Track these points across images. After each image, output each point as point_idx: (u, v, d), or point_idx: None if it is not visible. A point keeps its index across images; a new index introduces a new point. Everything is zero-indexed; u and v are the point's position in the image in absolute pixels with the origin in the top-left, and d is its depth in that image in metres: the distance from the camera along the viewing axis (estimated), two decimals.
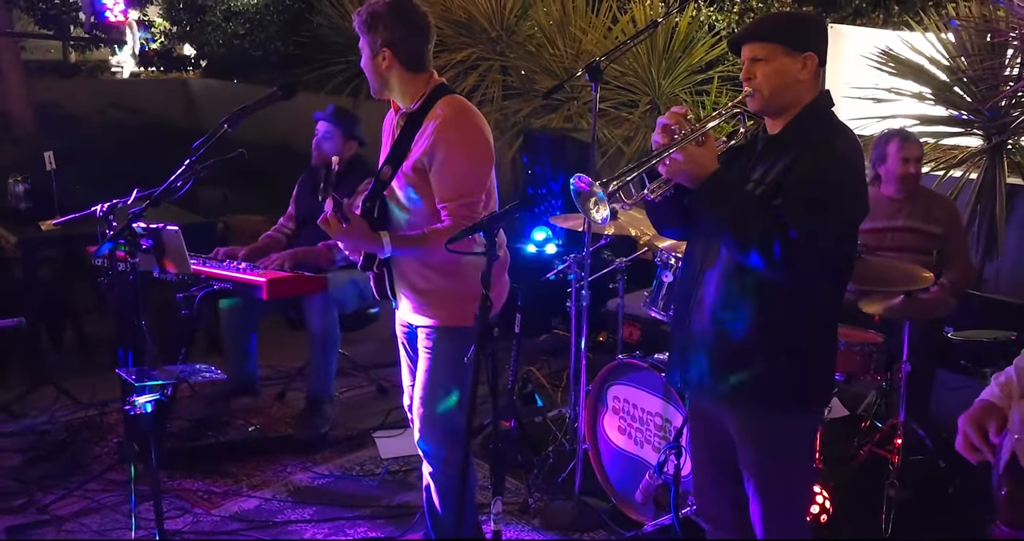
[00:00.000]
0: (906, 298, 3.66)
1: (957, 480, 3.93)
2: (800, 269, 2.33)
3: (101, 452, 4.33)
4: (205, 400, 4.76)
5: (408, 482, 4.14)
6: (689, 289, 2.59)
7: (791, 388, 2.51)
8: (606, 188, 2.28)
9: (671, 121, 2.40)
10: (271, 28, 12.88)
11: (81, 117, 11.80)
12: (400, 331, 3.30)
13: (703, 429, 2.75)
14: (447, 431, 3.13)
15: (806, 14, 6.47)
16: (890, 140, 4.25)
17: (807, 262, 2.32)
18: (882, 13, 7.20)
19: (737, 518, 2.73)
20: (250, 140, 6.93)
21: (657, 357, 3.69)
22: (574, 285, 4.18)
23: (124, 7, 13.73)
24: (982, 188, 5.05)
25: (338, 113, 4.79)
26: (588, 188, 2.32)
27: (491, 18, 8.03)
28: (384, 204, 3.07)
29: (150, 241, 3.36)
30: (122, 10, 13.66)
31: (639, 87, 6.96)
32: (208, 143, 3.04)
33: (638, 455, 3.78)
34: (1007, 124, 5.06)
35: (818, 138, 2.44)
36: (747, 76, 2.50)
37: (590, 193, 2.32)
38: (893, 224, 4.24)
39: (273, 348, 5.24)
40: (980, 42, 5.11)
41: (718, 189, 2.36)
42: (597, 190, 2.29)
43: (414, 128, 3.00)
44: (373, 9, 2.96)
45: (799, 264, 2.31)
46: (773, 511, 2.61)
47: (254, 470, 4.23)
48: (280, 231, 4.93)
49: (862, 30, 6.33)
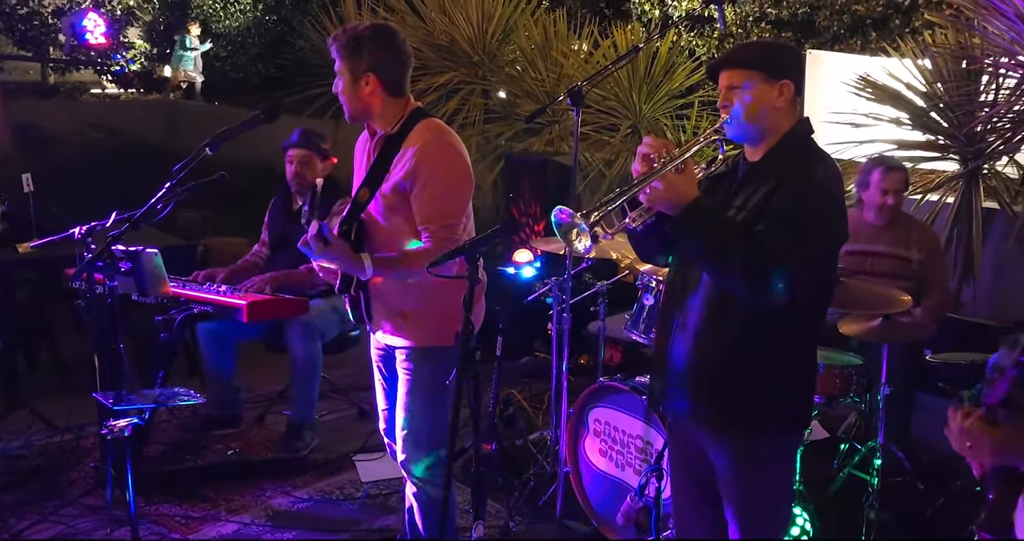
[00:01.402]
0: (885, 321, 3.68)
1: (936, 502, 3.95)
2: (782, 294, 2.34)
3: (77, 477, 4.27)
4: (185, 426, 4.72)
5: (389, 505, 4.11)
6: (672, 314, 2.60)
7: (772, 411, 2.51)
8: (587, 219, 2.29)
9: (650, 150, 2.42)
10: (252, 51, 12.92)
11: (60, 139, 11.74)
12: (376, 354, 3.29)
13: (683, 452, 2.75)
14: (429, 453, 3.12)
15: (783, 43, 6.55)
16: (874, 169, 4.30)
17: (788, 288, 2.34)
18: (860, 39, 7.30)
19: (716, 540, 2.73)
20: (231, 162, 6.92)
21: (638, 380, 3.69)
22: (555, 308, 4.18)
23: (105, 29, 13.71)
24: (958, 212, 5.11)
25: (308, 136, 4.74)
26: (570, 219, 2.32)
27: (473, 42, 8.08)
28: (361, 226, 3.06)
29: (129, 264, 3.35)
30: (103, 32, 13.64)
31: (620, 111, 7.02)
32: (189, 166, 3.03)
33: (619, 478, 3.78)
34: (983, 149, 5.12)
35: (798, 165, 2.46)
36: (724, 103, 2.52)
37: (572, 224, 2.33)
38: (873, 249, 4.28)
39: (253, 371, 5.21)
40: (956, 68, 5.18)
41: (699, 216, 2.38)
42: (579, 221, 2.30)
43: (392, 151, 3.00)
44: (355, 34, 2.97)
45: (780, 290, 2.32)
46: (751, 534, 2.61)
47: (233, 494, 4.19)
48: (256, 256, 4.91)
49: (841, 56, 6.42)
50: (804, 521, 3.51)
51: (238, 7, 13.50)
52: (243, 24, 13.27)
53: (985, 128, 5.11)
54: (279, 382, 5.16)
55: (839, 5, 7.42)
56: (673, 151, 2.40)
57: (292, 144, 4.72)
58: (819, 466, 3.89)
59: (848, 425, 4.51)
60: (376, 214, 3.04)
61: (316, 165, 4.69)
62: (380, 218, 3.04)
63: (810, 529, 3.51)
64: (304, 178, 4.69)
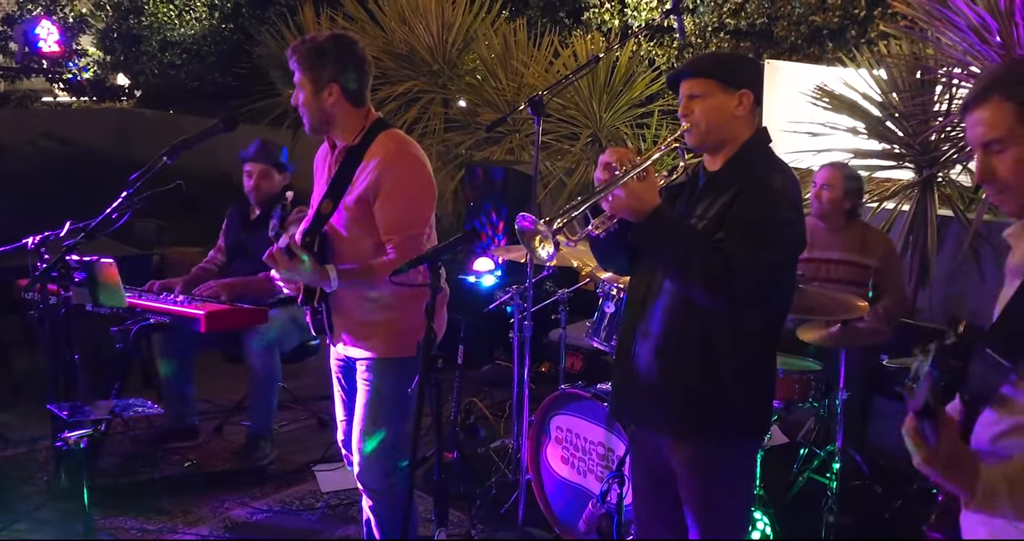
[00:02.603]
0: (843, 327, 3.73)
1: (894, 504, 4.00)
2: (742, 300, 2.36)
3: (30, 491, 4.19)
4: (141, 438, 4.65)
5: (349, 515, 4.07)
6: (634, 322, 2.61)
7: (733, 417, 2.53)
8: (551, 226, 2.30)
9: (612, 158, 2.43)
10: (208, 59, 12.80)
11: (10, 147, 11.55)
12: (335, 365, 3.27)
13: (644, 459, 2.76)
14: (388, 464, 3.10)
15: (741, 54, 6.63)
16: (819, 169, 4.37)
17: (748, 294, 2.36)
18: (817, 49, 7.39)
19: None
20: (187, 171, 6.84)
21: (599, 387, 3.70)
22: (516, 316, 4.18)
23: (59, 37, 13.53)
24: (914, 219, 5.18)
25: (266, 149, 4.71)
26: (533, 226, 2.33)
27: (433, 51, 8.08)
28: (324, 238, 3.04)
29: (84, 274, 3.30)
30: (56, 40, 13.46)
31: (580, 120, 7.05)
32: (146, 176, 2.99)
33: (581, 485, 3.77)
34: (937, 158, 5.20)
35: (757, 174, 2.48)
36: (685, 112, 2.55)
37: (535, 231, 2.33)
38: (829, 255, 4.32)
39: (210, 382, 5.15)
40: (911, 79, 5.26)
41: (661, 224, 2.39)
42: (542, 228, 2.31)
43: (355, 163, 2.99)
44: (316, 44, 2.96)
45: (741, 296, 2.34)
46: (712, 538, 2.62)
47: (190, 506, 4.13)
48: (212, 263, 4.87)
49: (798, 66, 6.49)
50: (764, 525, 3.53)
51: (193, 15, 13.38)
52: (199, 32, 13.14)
53: (939, 137, 5.19)
54: (237, 393, 5.09)
55: (796, 16, 7.51)
56: (635, 160, 2.41)
57: (250, 157, 4.69)
58: (779, 471, 3.92)
59: (807, 430, 4.56)
60: (339, 226, 3.02)
61: (274, 178, 4.68)
62: (343, 230, 3.02)
63: (770, 533, 3.53)
64: (261, 191, 4.68)
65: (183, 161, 3.13)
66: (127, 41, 13.92)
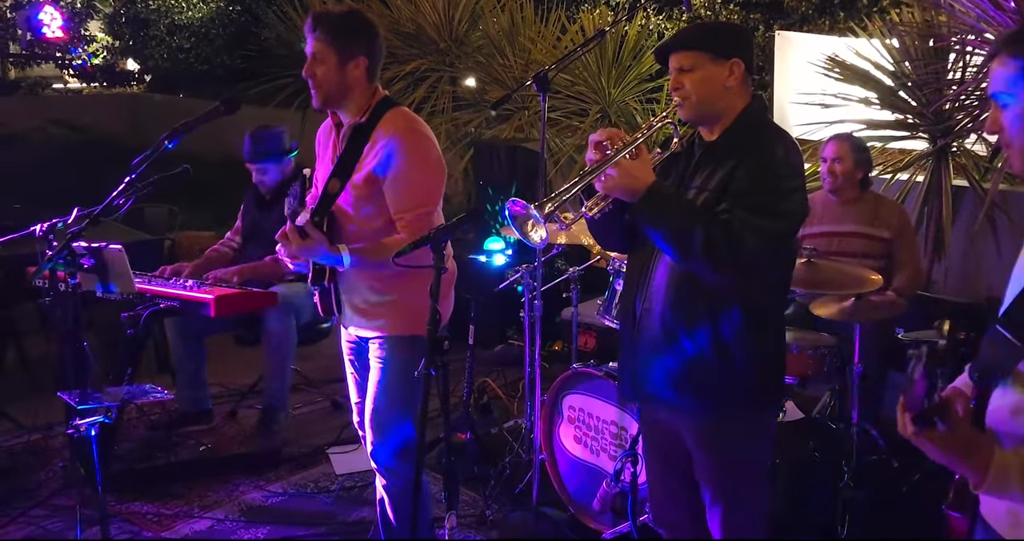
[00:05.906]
0: (857, 301, 3.68)
1: (911, 479, 3.96)
2: (745, 272, 2.33)
3: (46, 477, 4.21)
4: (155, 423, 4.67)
5: (364, 498, 4.07)
6: (636, 298, 2.58)
7: (743, 391, 2.50)
8: (542, 210, 2.28)
9: (602, 137, 2.40)
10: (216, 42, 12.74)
11: (21, 135, 11.56)
12: (347, 347, 3.26)
13: (657, 437, 2.74)
14: (400, 443, 3.10)
15: (729, 23, 6.53)
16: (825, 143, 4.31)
17: (752, 265, 2.33)
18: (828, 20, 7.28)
19: (693, 524, 2.73)
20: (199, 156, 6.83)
21: (612, 365, 3.67)
22: (527, 295, 4.15)
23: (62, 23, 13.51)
24: (928, 191, 5.11)
25: (255, 146, 4.63)
26: (524, 211, 2.31)
27: (440, 29, 8.02)
28: (333, 217, 3.02)
29: (91, 260, 3.30)
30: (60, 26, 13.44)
31: (589, 96, 6.98)
32: (148, 160, 2.96)
33: (595, 464, 3.76)
34: (951, 127, 5.13)
35: (756, 143, 2.45)
36: (676, 86, 2.52)
37: (526, 216, 2.32)
38: (842, 229, 4.27)
39: (223, 366, 5.15)
40: (923, 47, 5.18)
41: (657, 200, 2.36)
42: (533, 212, 2.29)
43: (363, 141, 2.97)
44: (344, 16, 2.94)
45: (747, 268, 2.31)
46: (732, 515, 2.61)
47: (205, 490, 4.14)
48: (227, 245, 4.87)
49: (809, 37, 6.39)
50: None
51: None
52: (206, 15, 13.08)
53: (953, 106, 5.11)
54: (250, 376, 5.10)
55: None
56: (626, 138, 2.38)
57: (246, 158, 4.68)
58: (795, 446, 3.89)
59: (823, 405, 4.52)
60: (346, 205, 3.01)
61: (275, 169, 4.68)
62: (350, 209, 3.00)
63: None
64: (267, 185, 4.71)
65: (193, 145, 3.11)
66: (135, 25, 13.87)
